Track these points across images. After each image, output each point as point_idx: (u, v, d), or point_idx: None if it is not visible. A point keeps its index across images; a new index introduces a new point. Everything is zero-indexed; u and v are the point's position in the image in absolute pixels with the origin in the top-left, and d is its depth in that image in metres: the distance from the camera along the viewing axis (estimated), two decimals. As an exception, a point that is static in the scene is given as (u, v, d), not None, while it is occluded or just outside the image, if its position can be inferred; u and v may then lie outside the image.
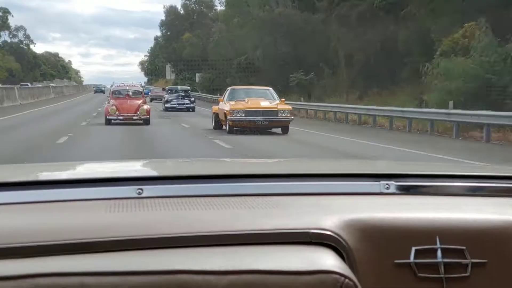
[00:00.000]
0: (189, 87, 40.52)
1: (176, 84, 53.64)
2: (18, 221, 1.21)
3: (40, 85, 70.18)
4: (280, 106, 18.99)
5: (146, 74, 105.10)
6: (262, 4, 33.62)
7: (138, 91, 25.29)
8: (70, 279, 0.94)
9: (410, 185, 1.53)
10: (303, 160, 3.55)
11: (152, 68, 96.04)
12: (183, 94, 37.50)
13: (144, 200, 1.36)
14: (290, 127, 18.93)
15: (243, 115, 18.53)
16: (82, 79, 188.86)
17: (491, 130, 16.94)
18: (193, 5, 73.19)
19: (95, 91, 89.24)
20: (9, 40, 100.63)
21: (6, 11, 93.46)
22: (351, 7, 29.52)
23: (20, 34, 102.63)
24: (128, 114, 22.71)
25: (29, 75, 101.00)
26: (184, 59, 52.03)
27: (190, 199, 1.38)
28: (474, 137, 17.40)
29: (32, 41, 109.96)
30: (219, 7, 54.88)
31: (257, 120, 18.56)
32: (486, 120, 16.80)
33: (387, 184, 1.50)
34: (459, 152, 12.97)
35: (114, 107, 22.76)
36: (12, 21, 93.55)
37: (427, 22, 25.62)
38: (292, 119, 19.18)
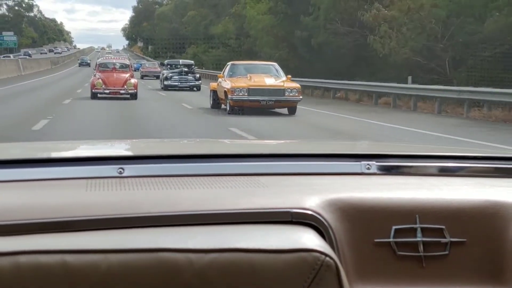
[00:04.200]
0: (192, 61, 36.88)
1: (143, 50, 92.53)
2: None
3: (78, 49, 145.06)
4: (287, 84, 17.63)
5: (126, 39, 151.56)
6: (170, 18, 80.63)
7: (125, 64, 24.70)
8: (51, 256, 0.95)
9: (391, 165, 1.61)
10: (286, 141, 3.70)
11: (130, 35, 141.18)
12: (186, 69, 33.56)
13: (125, 179, 1.42)
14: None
15: (246, 94, 17.03)
16: (72, 39, 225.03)
17: None
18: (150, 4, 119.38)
19: (80, 64, 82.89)
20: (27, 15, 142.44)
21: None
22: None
23: (35, 10, 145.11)
24: (115, 88, 22.20)
25: (41, 41, 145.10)
26: (144, 36, 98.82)
27: (172, 178, 1.44)
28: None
29: (43, 15, 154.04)
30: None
31: (262, 100, 17.13)
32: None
33: (368, 164, 1.57)
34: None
35: (100, 80, 22.21)
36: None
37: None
38: (301, 98, 17.79)
